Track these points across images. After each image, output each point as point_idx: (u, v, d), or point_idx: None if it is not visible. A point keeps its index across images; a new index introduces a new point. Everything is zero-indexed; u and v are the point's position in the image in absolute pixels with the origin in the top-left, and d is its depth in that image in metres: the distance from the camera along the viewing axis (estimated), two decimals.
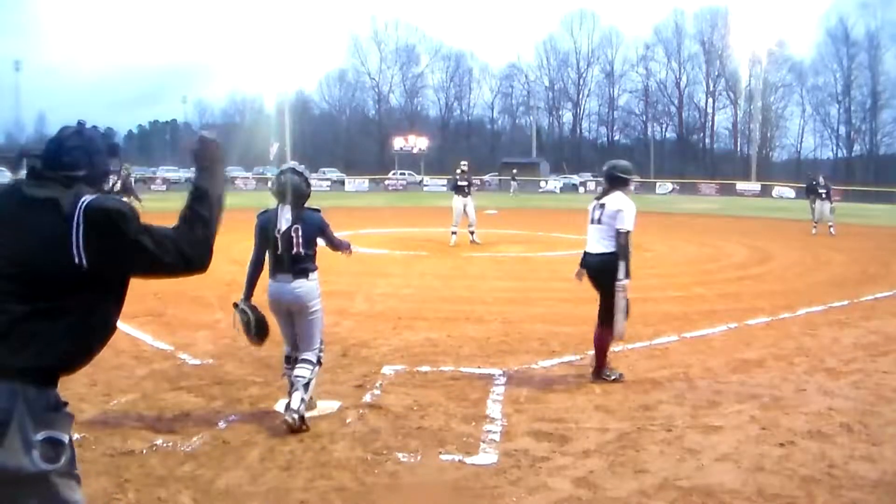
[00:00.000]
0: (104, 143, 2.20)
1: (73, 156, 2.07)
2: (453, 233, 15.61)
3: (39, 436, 1.83)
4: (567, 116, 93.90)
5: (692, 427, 4.65)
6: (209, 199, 2.09)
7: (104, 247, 1.92)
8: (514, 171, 52.85)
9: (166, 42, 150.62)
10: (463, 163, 16.83)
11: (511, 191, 49.92)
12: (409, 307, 8.61)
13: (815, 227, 20.89)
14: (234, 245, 14.87)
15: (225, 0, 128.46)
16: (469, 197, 15.80)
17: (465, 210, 15.70)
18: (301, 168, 4.72)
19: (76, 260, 1.90)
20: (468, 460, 4.08)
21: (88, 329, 2.00)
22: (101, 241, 1.92)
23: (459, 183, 15.90)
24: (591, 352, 6.51)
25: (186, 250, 2.01)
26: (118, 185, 2.70)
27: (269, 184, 5.26)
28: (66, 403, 1.96)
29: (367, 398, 5.15)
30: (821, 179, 21.85)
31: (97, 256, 1.92)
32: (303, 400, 4.44)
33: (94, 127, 2.23)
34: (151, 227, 2.00)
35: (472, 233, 15.78)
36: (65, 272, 1.91)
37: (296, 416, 4.39)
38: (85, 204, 1.93)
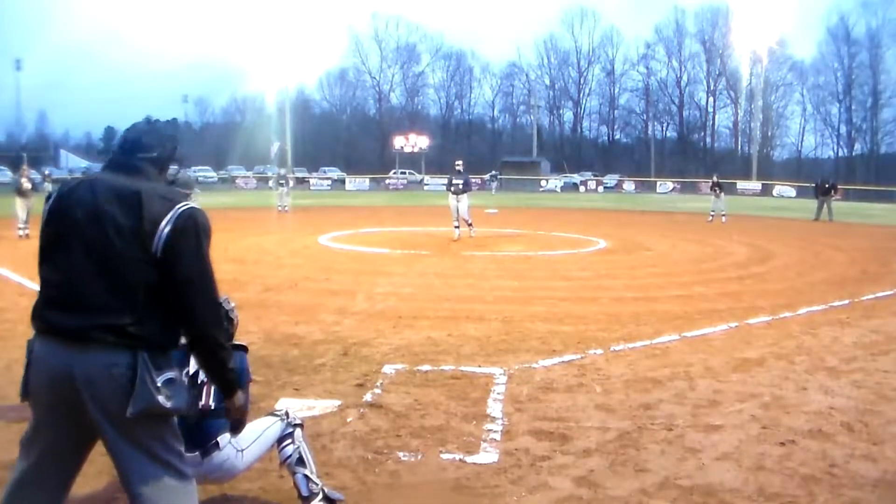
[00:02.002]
0: (174, 131, 2.55)
1: (149, 140, 2.44)
2: (456, 227, 16.53)
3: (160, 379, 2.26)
4: (568, 115, 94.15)
5: (693, 426, 4.65)
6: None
7: (175, 246, 2.29)
8: (493, 171, 52.92)
9: (166, 42, 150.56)
10: (458, 162, 17.45)
11: (493, 190, 49.81)
12: (409, 306, 8.61)
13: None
14: (232, 244, 14.92)
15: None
16: (464, 195, 16.51)
17: (458, 207, 16.52)
18: (222, 298, 3.49)
19: (152, 248, 2.27)
20: (469, 459, 4.08)
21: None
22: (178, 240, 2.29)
23: (454, 181, 16.72)
24: (592, 351, 6.53)
25: (214, 316, 2.43)
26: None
27: (270, 182, 5.11)
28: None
29: (368, 397, 5.14)
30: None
31: (168, 251, 2.28)
32: (307, 478, 3.44)
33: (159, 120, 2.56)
34: (208, 269, 2.38)
35: (469, 225, 16.76)
36: (142, 255, 2.27)
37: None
38: (186, 207, 2.32)
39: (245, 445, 3.30)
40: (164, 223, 2.26)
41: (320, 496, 3.40)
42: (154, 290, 2.28)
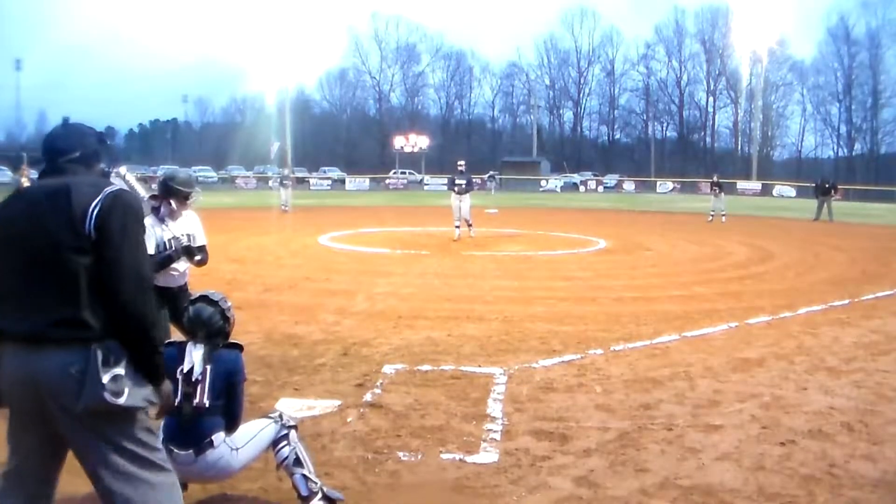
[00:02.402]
0: (90, 129, 2.59)
1: (68, 142, 2.49)
2: (457, 227, 16.54)
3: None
4: (568, 115, 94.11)
5: (693, 426, 4.65)
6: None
7: (107, 225, 2.31)
8: (491, 171, 52.87)
9: (166, 42, 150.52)
10: (460, 162, 17.44)
11: (492, 190, 49.82)
12: (409, 306, 8.61)
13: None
14: (232, 244, 14.92)
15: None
16: (466, 195, 16.53)
17: (461, 207, 16.55)
18: (219, 297, 3.53)
19: (85, 230, 2.29)
20: (469, 459, 4.08)
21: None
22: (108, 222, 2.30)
23: (457, 181, 16.70)
24: (592, 350, 6.53)
25: (137, 286, 2.34)
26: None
27: (270, 183, 5.04)
28: None
29: (368, 397, 5.14)
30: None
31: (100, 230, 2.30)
32: (305, 477, 3.40)
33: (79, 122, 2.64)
34: (142, 243, 2.42)
35: (469, 226, 16.77)
36: (78, 241, 2.28)
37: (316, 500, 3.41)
38: (113, 191, 2.35)
39: (240, 444, 3.30)
40: (92, 206, 2.29)
41: (319, 495, 3.40)
42: (96, 277, 2.29)
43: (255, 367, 5.88)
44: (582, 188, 61.49)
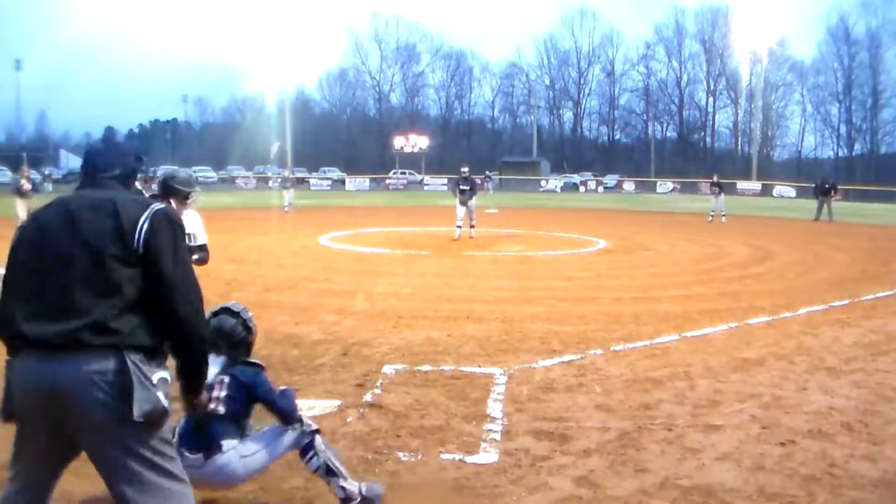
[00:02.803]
0: (130, 148, 2.66)
1: (109, 159, 2.53)
2: (458, 226, 16.61)
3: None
4: (568, 115, 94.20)
5: (693, 426, 4.65)
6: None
7: (154, 241, 2.35)
8: (487, 172, 52.95)
9: (166, 42, 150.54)
10: (464, 168, 17.47)
11: (489, 190, 49.86)
12: (409, 306, 8.60)
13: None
14: (232, 244, 14.92)
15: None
16: (472, 200, 16.75)
17: (467, 210, 16.71)
18: (240, 308, 3.60)
19: (133, 244, 2.32)
20: (469, 459, 4.08)
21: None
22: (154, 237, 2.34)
23: (462, 187, 16.78)
24: (592, 351, 6.52)
25: (190, 304, 2.40)
26: None
27: (270, 183, 5.10)
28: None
29: (368, 397, 5.14)
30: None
31: (147, 248, 2.33)
32: (342, 487, 3.41)
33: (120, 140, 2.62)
34: (187, 258, 2.46)
35: (471, 227, 16.86)
36: (123, 253, 2.31)
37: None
38: (159, 208, 2.40)
39: (249, 452, 3.30)
40: (141, 221, 2.33)
41: (358, 500, 3.41)
42: (136, 288, 2.31)
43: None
44: (582, 188, 61.51)
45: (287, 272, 11.45)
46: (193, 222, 5.06)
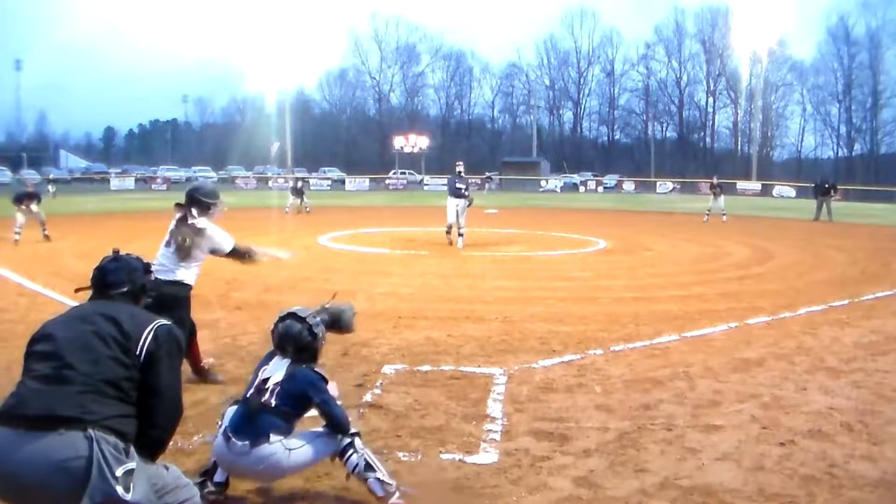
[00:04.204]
0: (139, 263, 2.84)
1: (119, 276, 2.74)
2: (448, 232, 15.46)
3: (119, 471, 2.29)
4: (567, 116, 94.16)
5: (693, 426, 4.65)
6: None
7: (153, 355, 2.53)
8: (487, 173, 52.86)
9: (166, 42, 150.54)
10: (459, 164, 16.34)
11: (485, 190, 49.82)
12: (409, 306, 8.60)
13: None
14: None
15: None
16: (463, 199, 15.39)
17: (457, 212, 15.28)
18: (307, 313, 3.76)
19: (136, 351, 2.50)
20: (469, 459, 4.08)
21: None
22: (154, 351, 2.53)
23: (458, 185, 15.54)
24: (592, 351, 6.52)
25: (164, 416, 2.59)
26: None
27: (270, 183, 5.18)
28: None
29: (368, 397, 5.14)
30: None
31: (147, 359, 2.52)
32: (380, 480, 3.46)
33: (128, 254, 2.88)
34: (174, 377, 2.63)
35: (459, 235, 15.32)
36: (124, 355, 2.47)
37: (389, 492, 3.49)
38: (164, 324, 2.59)
39: (296, 446, 3.40)
40: (146, 332, 2.53)
41: (396, 495, 3.47)
42: (124, 387, 2.45)
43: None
44: (581, 188, 61.50)
45: (287, 272, 11.43)
46: (215, 233, 5.27)
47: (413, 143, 71.59)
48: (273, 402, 3.41)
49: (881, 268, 13.17)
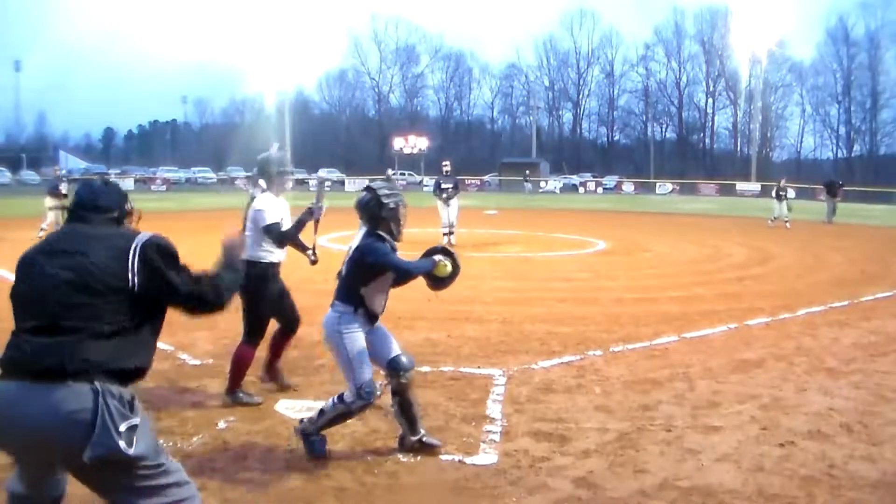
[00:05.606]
0: (123, 191, 2.76)
1: (109, 200, 2.63)
2: (444, 234, 15.27)
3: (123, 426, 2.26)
4: (567, 116, 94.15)
5: (692, 427, 4.65)
6: (234, 272, 2.71)
7: (149, 274, 2.43)
8: (527, 171, 52.78)
9: (166, 43, 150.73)
10: (445, 164, 16.27)
11: (525, 191, 50.25)
12: (408, 307, 8.58)
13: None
14: None
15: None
16: (454, 199, 15.32)
17: (448, 211, 15.22)
18: (378, 185, 4.20)
19: (129, 283, 2.39)
20: (468, 460, 4.08)
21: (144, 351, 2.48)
22: (148, 269, 2.43)
23: (443, 185, 15.43)
24: (591, 352, 6.52)
25: (204, 294, 2.55)
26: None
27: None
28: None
29: None
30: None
31: (143, 282, 2.42)
32: (302, 420, 4.16)
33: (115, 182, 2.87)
34: (187, 269, 2.53)
35: (451, 233, 15.20)
36: (118, 286, 2.38)
37: (297, 427, 4.16)
38: (146, 239, 2.47)
39: (349, 330, 4.09)
40: (131, 255, 2.42)
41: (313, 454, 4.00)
42: (122, 319, 2.38)
43: (255, 368, 5.87)
44: (581, 189, 61.49)
45: (286, 273, 11.42)
46: (261, 207, 5.07)
47: (412, 144, 71.56)
48: (343, 270, 3.97)
49: (881, 268, 13.18)
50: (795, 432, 4.57)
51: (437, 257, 4.20)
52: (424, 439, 4.15)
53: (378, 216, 4.05)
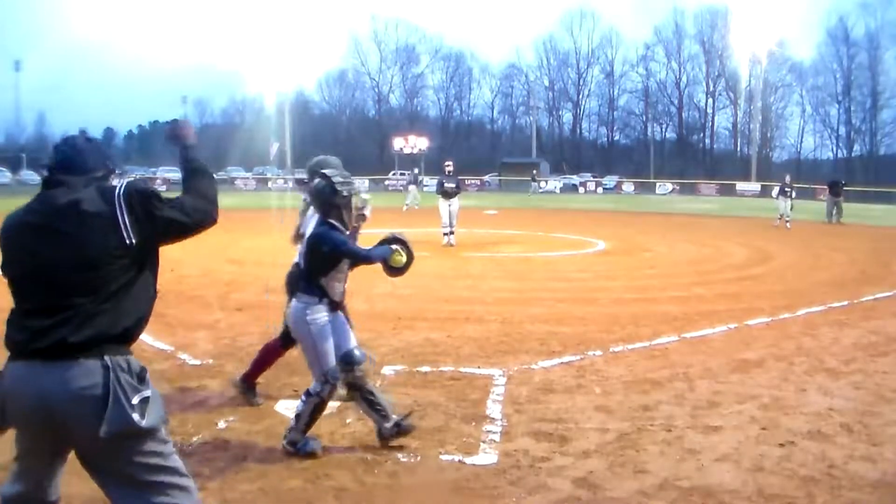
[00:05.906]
0: (105, 149, 2.62)
1: (93, 159, 2.45)
2: (445, 234, 15.33)
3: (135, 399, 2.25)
4: (567, 116, 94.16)
5: (692, 427, 4.65)
6: (202, 168, 2.51)
7: (143, 222, 2.31)
8: (535, 171, 52.74)
9: (165, 43, 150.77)
10: (448, 163, 16.30)
11: (531, 191, 50.29)
12: (408, 307, 8.60)
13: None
14: (232, 245, 14.90)
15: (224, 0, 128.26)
16: (455, 198, 15.37)
17: (450, 211, 15.24)
18: (334, 174, 4.18)
19: (126, 240, 2.29)
20: (468, 460, 4.08)
21: (144, 299, 2.43)
22: (141, 218, 2.31)
23: (447, 185, 15.50)
24: (591, 352, 6.52)
25: (199, 210, 2.42)
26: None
27: (269, 184, 5.12)
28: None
29: None
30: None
31: (140, 232, 2.31)
32: (285, 436, 4.13)
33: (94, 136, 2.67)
34: (170, 199, 2.39)
35: (451, 233, 15.27)
36: (118, 252, 2.28)
37: (284, 442, 4.14)
38: (122, 188, 2.34)
39: (315, 321, 4.00)
40: (117, 208, 2.29)
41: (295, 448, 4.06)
42: (121, 281, 2.31)
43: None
44: (581, 189, 61.51)
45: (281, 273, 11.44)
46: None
47: (412, 144, 71.55)
48: (300, 261, 3.97)
49: (881, 268, 13.18)
50: (795, 432, 4.57)
51: (394, 247, 4.19)
52: (401, 423, 4.18)
53: (331, 203, 4.02)
